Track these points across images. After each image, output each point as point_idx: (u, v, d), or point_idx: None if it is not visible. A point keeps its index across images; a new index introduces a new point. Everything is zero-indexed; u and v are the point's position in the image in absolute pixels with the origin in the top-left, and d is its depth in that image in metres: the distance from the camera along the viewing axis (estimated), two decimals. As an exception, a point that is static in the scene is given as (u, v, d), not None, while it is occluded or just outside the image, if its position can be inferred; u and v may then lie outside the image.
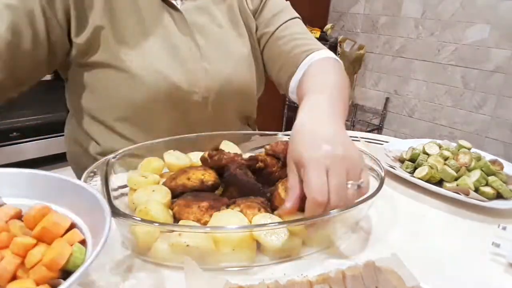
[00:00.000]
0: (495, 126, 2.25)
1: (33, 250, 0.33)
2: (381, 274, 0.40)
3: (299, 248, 0.47)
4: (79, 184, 0.40)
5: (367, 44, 2.68)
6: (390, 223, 0.58)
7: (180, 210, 0.48)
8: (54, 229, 0.35)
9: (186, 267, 0.40)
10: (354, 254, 0.50)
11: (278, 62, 0.78)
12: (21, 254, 0.33)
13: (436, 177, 0.70)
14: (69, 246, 0.33)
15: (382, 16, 2.60)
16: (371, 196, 0.48)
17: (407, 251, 0.51)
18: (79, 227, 0.38)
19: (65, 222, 0.36)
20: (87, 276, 0.42)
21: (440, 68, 2.39)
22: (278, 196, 0.51)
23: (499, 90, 2.19)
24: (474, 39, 2.22)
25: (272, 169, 0.59)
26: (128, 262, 0.45)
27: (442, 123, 2.46)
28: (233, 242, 0.43)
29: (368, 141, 0.90)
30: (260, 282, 0.39)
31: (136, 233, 0.43)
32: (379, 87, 2.73)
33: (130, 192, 0.53)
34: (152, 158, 0.59)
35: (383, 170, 0.55)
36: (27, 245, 0.33)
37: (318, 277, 0.40)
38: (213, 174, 0.54)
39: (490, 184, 0.67)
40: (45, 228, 0.35)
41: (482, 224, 0.60)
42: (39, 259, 0.32)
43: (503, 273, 0.49)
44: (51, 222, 0.35)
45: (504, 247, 0.51)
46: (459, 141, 0.80)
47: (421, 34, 2.43)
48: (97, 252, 0.31)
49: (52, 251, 0.33)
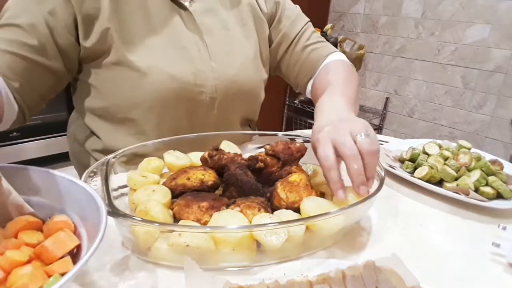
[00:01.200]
0: (495, 126, 2.25)
1: (19, 269, 0.32)
2: (381, 274, 0.40)
3: (299, 248, 0.47)
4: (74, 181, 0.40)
5: (367, 44, 2.68)
6: (390, 223, 0.58)
7: (180, 210, 0.48)
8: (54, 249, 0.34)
9: (186, 267, 0.40)
10: (354, 254, 0.50)
11: (296, 67, 0.85)
12: (6, 270, 0.32)
13: (436, 177, 0.70)
14: (45, 277, 0.32)
15: (382, 16, 2.60)
16: (371, 196, 0.48)
17: (407, 251, 0.51)
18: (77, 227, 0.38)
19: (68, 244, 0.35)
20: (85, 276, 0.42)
21: (440, 68, 2.39)
22: (278, 196, 0.51)
23: (499, 90, 2.19)
24: (474, 39, 2.22)
25: (272, 169, 0.59)
26: (128, 262, 0.45)
27: (442, 123, 2.46)
28: (233, 242, 0.43)
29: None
30: (260, 282, 0.39)
31: (136, 233, 0.43)
32: (379, 87, 2.73)
33: (130, 192, 0.53)
34: (152, 158, 0.59)
35: (383, 170, 0.55)
36: (14, 262, 0.33)
37: (318, 277, 0.40)
38: (213, 174, 0.54)
39: (490, 184, 0.67)
40: (43, 247, 0.34)
41: (482, 224, 0.60)
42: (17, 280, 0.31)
43: (503, 273, 0.49)
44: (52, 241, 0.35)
45: (504, 247, 0.51)
46: (459, 141, 0.80)
47: (421, 34, 2.43)
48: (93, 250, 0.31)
49: (24, 277, 0.31)
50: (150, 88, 0.68)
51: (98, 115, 0.74)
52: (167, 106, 0.70)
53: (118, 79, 0.68)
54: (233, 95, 0.76)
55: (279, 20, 0.84)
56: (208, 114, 0.75)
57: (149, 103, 0.69)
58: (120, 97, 0.70)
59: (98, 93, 0.71)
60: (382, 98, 2.72)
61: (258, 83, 0.82)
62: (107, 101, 0.71)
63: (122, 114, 0.71)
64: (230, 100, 0.77)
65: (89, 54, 0.67)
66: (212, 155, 0.57)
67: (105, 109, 0.72)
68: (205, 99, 0.73)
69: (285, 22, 0.84)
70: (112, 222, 0.42)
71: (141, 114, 0.70)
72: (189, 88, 0.70)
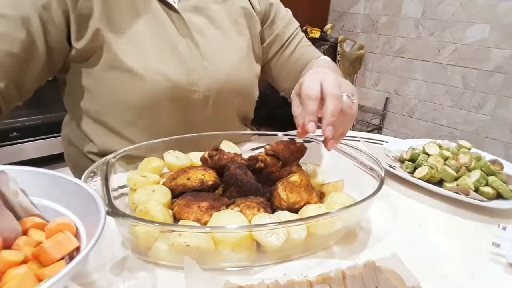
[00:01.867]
0: (495, 126, 2.25)
1: (13, 269, 0.32)
2: (381, 274, 0.40)
3: (299, 248, 0.47)
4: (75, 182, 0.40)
5: (367, 44, 2.68)
6: (390, 223, 0.58)
7: (180, 210, 0.48)
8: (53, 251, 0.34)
9: (186, 267, 0.40)
10: (354, 254, 0.50)
11: (285, 68, 0.87)
12: (1, 270, 0.32)
13: (436, 177, 0.70)
14: (36, 282, 0.32)
15: (382, 16, 2.60)
16: (371, 196, 0.48)
17: (407, 251, 0.51)
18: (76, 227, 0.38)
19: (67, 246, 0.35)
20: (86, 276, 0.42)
21: (440, 68, 2.39)
22: (278, 196, 0.50)
23: (499, 90, 2.19)
24: (474, 39, 2.22)
25: (272, 169, 0.58)
26: (128, 262, 0.45)
27: (442, 123, 2.46)
28: (233, 242, 0.43)
29: (368, 141, 0.90)
30: (260, 282, 0.39)
31: (136, 233, 0.43)
32: (379, 87, 2.73)
33: (130, 192, 0.53)
34: (152, 158, 0.59)
35: (383, 170, 0.55)
36: (8, 262, 0.32)
37: (318, 277, 0.40)
38: (213, 174, 0.54)
39: (490, 184, 0.67)
40: (42, 249, 0.34)
41: (482, 224, 0.60)
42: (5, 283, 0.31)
43: (503, 273, 0.49)
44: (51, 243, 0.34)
45: (504, 247, 0.51)
46: (459, 141, 0.80)
47: (421, 34, 2.43)
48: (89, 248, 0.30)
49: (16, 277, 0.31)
50: (142, 88, 0.67)
51: (90, 117, 0.73)
52: (160, 106, 0.70)
53: (110, 80, 0.67)
54: (227, 93, 0.76)
55: (273, 21, 0.85)
56: (202, 113, 0.75)
57: (141, 103, 0.69)
58: (112, 98, 0.69)
59: (90, 95, 0.70)
60: (382, 98, 2.72)
61: (252, 80, 0.82)
62: (99, 102, 0.71)
63: (114, 115, 0.71)
64: (224, 98, 0.76)
65: (80, 55, 0.66)
66: (212, 155, 0.57)
67: (97, 111, 0.72)
68: (198, 98, 0.73)
69: (279, 24, 0.85)
70: (112, 222, 0.42)
71: (134, 114, 0.70)
72: (182, 87, 0.70)
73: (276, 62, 0.87)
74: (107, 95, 0.69)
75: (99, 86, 0.69)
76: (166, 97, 0.69)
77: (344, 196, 0.53)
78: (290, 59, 0.86)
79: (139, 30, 0.68)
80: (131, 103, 0.69)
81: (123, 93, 0.68)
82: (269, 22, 0.85)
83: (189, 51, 0.71)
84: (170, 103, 0.70)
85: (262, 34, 0.85)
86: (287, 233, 0.44)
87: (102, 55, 0.66)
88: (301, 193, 0.51)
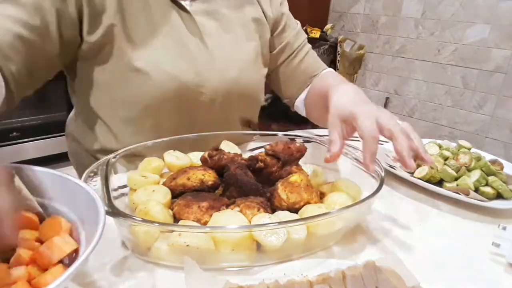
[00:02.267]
0: (495, 126, 2.25)
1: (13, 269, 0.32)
2: (381, 274, 0.40)
3: (299, 248, 0.47)
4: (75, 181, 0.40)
5: (367, 44, 2.68)
6: (390, 223, 0.58)
7: (180, 210, 0.48)
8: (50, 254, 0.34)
9: (186, 267, 0.40)
10: (354, 254, 0.50)
11: (292, 77, 0.88)
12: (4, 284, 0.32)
13: (436, 177, 0.70)
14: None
15: (382, 16, 2.60)
16: (371, 196, 0.48)
17: (407, 251, 0.51)
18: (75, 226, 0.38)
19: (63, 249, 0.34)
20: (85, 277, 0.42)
21: (440, 68, 2.39)
22: (278, 196, 0.50)
23: (499, 90, 2.19)
24: (474, 39, 2.22)
25: (272, 169, 0.59)
26: (128, 262, 0.45)
27: (442, 123, 2.46)
28: (232, 242, 0.43)
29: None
30: (260, 282, 0.39)
31: (136, 233, 0.43)
32: (379, 87, 2.73)
33: (130, 192, 0.53)
34: (152, 158, 0.59)
35: (383, 170, 0.55)
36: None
37: (318, 277, 0.40)
38: (213, 174, 0.54)
39: (490, 184, 0.67)
40: (38, 253, 0.34)
41: (482, 224, 0.60)
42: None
43: (503, 273, 0.49)
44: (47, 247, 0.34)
45: (504, 247, 0.51)
46: (459, 141, 0.80)
47: (421, 34, 2.43)
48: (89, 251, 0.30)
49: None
50: (150, 87, 0.68)
51: (96, 114, 0.73)
52: (166, 106, 0.70)
53: (118, 78, 0.68)
54: (233, 97, 0.77)
55: (283, 29, 0.86)
56: (206, 115, 0.75)
57: (148, 102, 0.69)
58: (119, 95, 0.69)
59: (97, 92, 0.71)
60: (382, 98, 2.71)
61: (259, 86, 0.82)
62: (106, 99, 0.71)
63: (120, 113, 0.71)
64: (230, 102, 0.77)
65: (90, 50, 0.67)
66: (212, 155, 0.57)
67: (102, 108, 0.72)
68: (204, 100, 0.73)
69: (290, 33, 0.86)
70: (112, 222, 0.42)
71: (139, 113, 0.70)
72: (189, 88, 0.70)
73: (284, 69, 0.88)
74: (114, 92, 0.70)
75: (107, 82, 0.69)
76: (173, 97, 0.70)
77: (344, 196, 0.53)
78: (298, 68, 0.86)
79: (150, 29, 0.68)
80: (138, 101, 0.69)
81: (130, 91, 0.68)
82: (280, 30, 0.86)
83: (198, 52, 0.72)
84: (175, 103, 0.71)
85: (272, 41, 0.86)
86: (287, 233, 0.44)
87: (112, 52, 0.67)
88: (301, 193, 0.51)
